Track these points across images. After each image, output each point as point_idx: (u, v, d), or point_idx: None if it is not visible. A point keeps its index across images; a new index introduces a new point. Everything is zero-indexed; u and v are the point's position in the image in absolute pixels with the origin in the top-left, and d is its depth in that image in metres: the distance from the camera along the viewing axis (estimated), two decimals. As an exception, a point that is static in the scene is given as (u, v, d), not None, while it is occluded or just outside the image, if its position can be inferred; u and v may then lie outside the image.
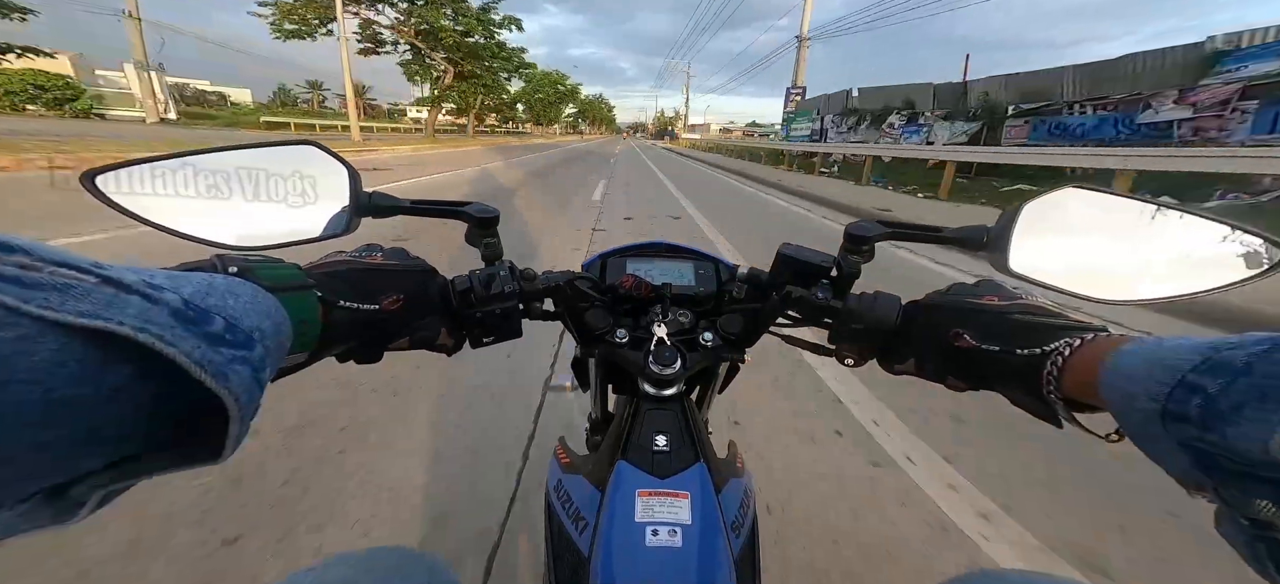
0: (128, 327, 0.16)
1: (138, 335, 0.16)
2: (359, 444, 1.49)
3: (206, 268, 0.26)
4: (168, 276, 0.20)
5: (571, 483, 0.44)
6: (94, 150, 7.83)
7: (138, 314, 0.16)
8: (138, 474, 0.19)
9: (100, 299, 0.16)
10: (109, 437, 0.17)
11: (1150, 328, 2.57)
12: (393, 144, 19.73)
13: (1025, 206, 0.40)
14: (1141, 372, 0.23)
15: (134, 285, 0.17)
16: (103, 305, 0.16)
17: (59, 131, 11.93)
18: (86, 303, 0.15)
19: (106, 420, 0.16)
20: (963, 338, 0.35)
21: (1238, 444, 0.18)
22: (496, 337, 0.46)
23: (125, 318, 0.16)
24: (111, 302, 0.16)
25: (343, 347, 0.36)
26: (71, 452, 0.16)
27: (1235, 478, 0.19)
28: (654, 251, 0.61)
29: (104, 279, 0.16)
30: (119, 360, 0.16)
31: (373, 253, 0.40)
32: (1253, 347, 0.19)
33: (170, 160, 0.35)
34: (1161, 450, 0.22)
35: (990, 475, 1.48)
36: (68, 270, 0.16)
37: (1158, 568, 1.20)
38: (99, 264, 0.17)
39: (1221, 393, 0.19)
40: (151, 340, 0.16)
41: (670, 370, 0.45)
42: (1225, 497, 0.20)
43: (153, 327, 0.16)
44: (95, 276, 0.16)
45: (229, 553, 1.11)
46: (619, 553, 0.34)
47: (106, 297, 0.16)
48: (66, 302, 0.15)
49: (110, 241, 3.40)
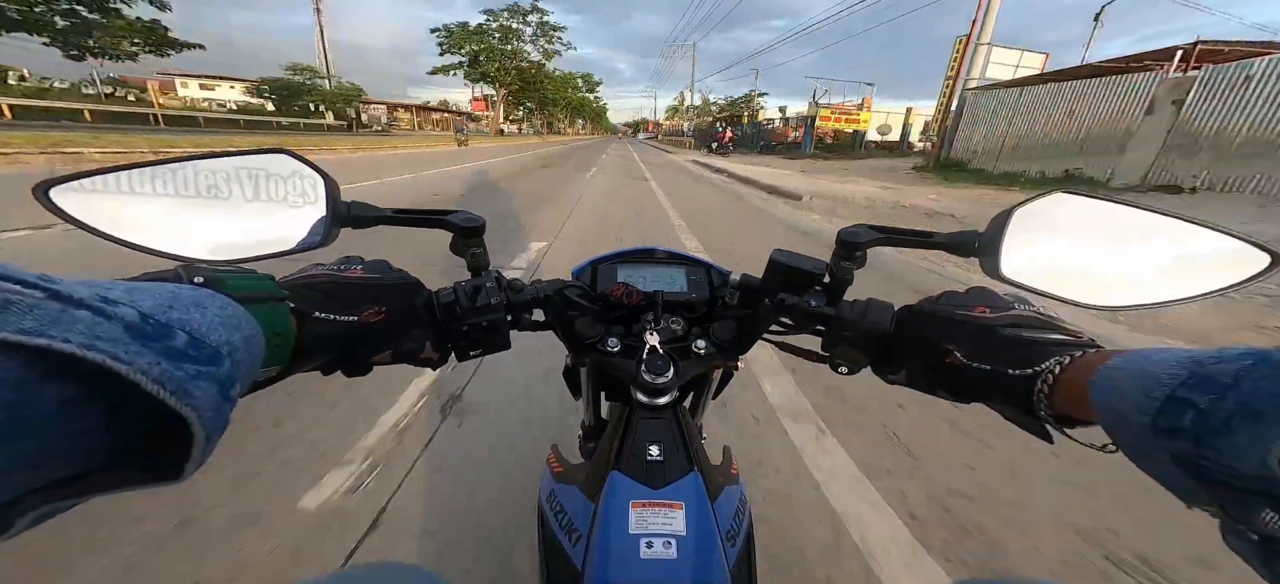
0: (73, 344, 0.15)
1: (85, 353, 0.15)
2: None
3: (170, 278, 0.25)
4: (126, 289, 0.19)
5: (564, 493, 0.43)
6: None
7: (86, 331, 0.15)
8: (86, 492, 0.18)
9: (44, 315, 0.15)
10: (56, 457, 0.16)
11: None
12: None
13: (1016, 212, 0.40)
14: (1130, 387, 0.23)
15: (85, 300, 0.16)
16: (47, 322, 0.15)
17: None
18: (28, 319, 0.14)
19: (51, 441, 0.16)
20: (954, 355, 0.35)
21: (1232, 459, 0.18)
22: (484, 349, 0.45)
23: (72, 335, 0.15)
24: (57, 318, 0.15)
25: (321, 359, 0.35)
26: (10, 471, 0.15)
27: (1235, 492, 0.19)
28: (645, 258, 0.60)
29: (51, 293, 0.16)
30: (65, 379, 0.15)
31: (352, 266, 0.39)
32: (1237, 360, 0.19)
33: (132, 170, 0.33)
34: (1156, 465, 0.22)
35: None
36: (10, 285, 0.15)
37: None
38: (48, 278, 0.16)
39: (1212, 408, 0.19)
40: (101, 358, 0.15)
41: (663, 380, 0.44)
42: (1229, 511, 0.20)
43: (102, 343, 0.15)
44: (42, 291, 0.16)
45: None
46: (613, 566, 0.33)
47: (51, 312, 0.15)
48: (6, 319, 0.14)
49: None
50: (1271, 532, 0.18)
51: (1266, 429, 0.17)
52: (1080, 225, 0.39)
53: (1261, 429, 0.17)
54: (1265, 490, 0.18)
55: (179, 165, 0.35)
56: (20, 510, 0.16)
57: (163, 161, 0.35)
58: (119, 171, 0.33)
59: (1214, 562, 1.14)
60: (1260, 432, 0.17)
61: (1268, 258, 0.32)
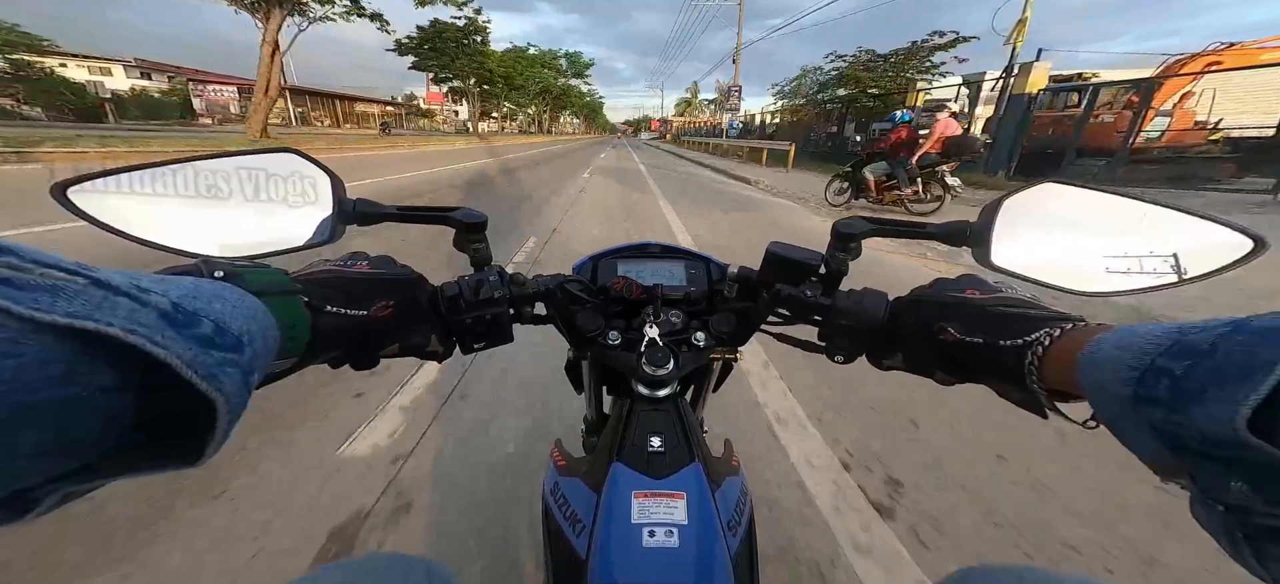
0: (117, 327, 0.15)
1: (127, 336, 0.16)
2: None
3: (192, 272, 0.25)
4: (155, 280, 0.19)
5: (568, 486, 0.44)
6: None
7: (127, 316, 0.16)
8: (111, 475, 0.18)
9: (90, 301, 0.16)
10: (88, 439, 0.16)
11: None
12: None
13: (1006, 202, 0.41)
14: (1114, 358, 0.23)
15: (123, 287, 0.17)
16: (93, 307, 0.15)
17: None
18: (76, 304, 0.15)
19: (89, 422, 0.16)
20: (948, 332, 0.35)
21: (1204, 425, 0.18)
22: (487, 342, 0.45)
23: (115, 319, 0.16)
24: (101, 303, 0.16)
25: (332, 353, 0.35)
26: (46, 454, 0.15)
27: (1206, 460, 0.19)
28: (645, 252, 0.61)
29: (93, 281, 0.16)
30: (107, 362, 0.16)
31: (358, 261, 0.40)
32: (1217, 329, 0.19)
33: (146, 170, 0.34)
34: (1134, 436, 0.22)
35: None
36: (56, 272, 0.16)
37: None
38: (87, 266, 0.17)
39: (1186, 374, 0.19)
40: (141, 341, 0.16)
41: (663, 371, 0.45)
42: (1199, 481, 0.20)
43: (142, 329, 0.16)
44: (84, 278, 0.16)
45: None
46: (616, 555, 0.34)
47: (96, 298, 0.16)
48: (56, 303, 0.15)
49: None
50: (1239, 502, 0.18)
51: (1234, 391, 0.17)
52: (1068, 214, 0.39)
53: (1230, 391, 0.17)
54: (1236, 458, 0.18)
55: (190, 165, 0.36)
56: (49, 491, 0.17)
57: (174, 161, 0.35)
58: (133, 171, 0.34)
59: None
60: (1229, 394, 0.17)
61: (1251, 242, 0.33)
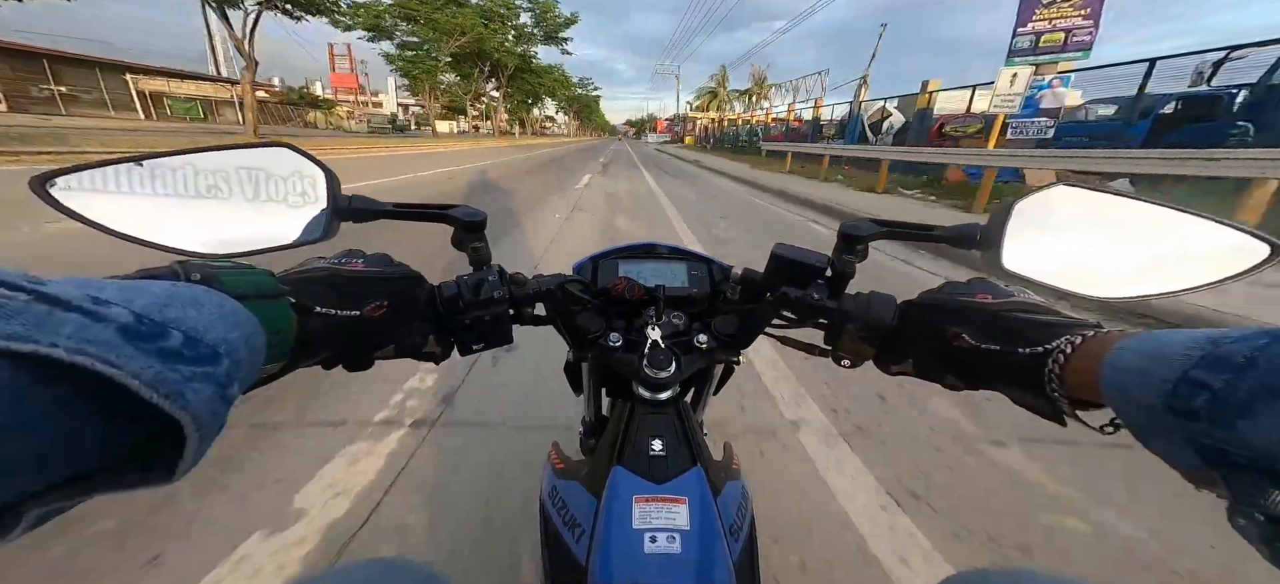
0: (60, 349, 0.14)
1: (72, 358, 0.15)
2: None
3: (167, 275, 0.24)
4: (119, 289, 0.18)
5: (567, 489, 0.43)
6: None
7: (73, 334, 0.15)
8: (84, 494, 0.18)
9: (30, 319, 0.15)
10: (47, 460, 0.16)
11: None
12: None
13: (1017, 204, 0.40)
14: (1142, 367, 0.23)
15: (73, 301, 0.16)
16: (32, 326, 0.14)
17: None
18: (14, 324, 0.14)
19: (46, 444, 0.15)
20: (961, 338, 0.35)
21: (1253, 440, 0.18)
22: (486, 343, 0.44)
23: (58, 338, 0.15)
24: (43, 321, 0.15)
25: (323, 354, 0.34)
26: (3, 477, 0.15)
27: (1247, 471, 0.19)
28: (647, 253, 0.60)
29: (38, 296, 0.15)
30: (56, 382, 0.15)
31: (354, 259, 0.39)
32: (1254, 341, 0.19)
33: (131, 163, 0.33)
34: (1165, 446, 0.22)
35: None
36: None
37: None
38: (35, 279, 0.16)
39: (1227, 388, 0.19)
40: (89, 362, 0.15)
41: (665, 374, 0.44)
42: (1237, 491, 0.20)
43: (91, 347, 0.15)
44: (28, 293, 0.15)
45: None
46: (617, 560, 0.33)
47: (37, 315, 0.15)
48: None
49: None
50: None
51: None
52: (1081, 218, 0.39)
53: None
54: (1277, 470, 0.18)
55: (178, 158, 0.35)
56: (18, 515, 0.16)
57: (161, 155, 0.34)
58: (118, 165, 0.32)
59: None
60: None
61: (1268, 248, 0.32)
